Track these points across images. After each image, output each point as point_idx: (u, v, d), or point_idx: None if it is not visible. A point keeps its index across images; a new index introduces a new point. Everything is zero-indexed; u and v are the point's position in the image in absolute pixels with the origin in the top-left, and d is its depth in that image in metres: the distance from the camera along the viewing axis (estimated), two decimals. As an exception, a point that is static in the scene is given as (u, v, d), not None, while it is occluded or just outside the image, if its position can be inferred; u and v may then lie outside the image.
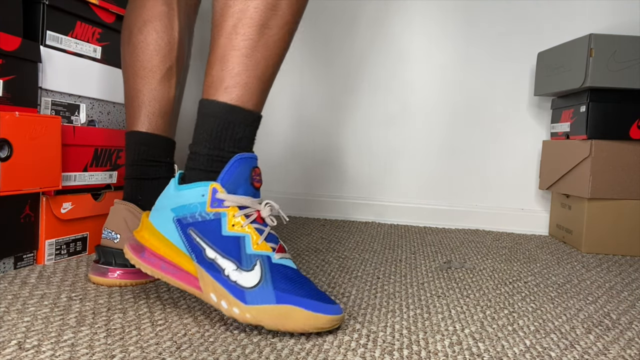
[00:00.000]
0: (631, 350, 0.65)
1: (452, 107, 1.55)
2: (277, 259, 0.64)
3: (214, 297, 0.63)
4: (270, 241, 0.65)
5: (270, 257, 0.64)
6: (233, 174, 0.65)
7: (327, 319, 0.62)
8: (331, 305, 0.63)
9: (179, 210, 0.66)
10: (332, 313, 0.62)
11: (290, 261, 0.66)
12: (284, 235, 1.26)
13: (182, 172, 0.70)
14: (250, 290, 0.62)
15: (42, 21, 0.90)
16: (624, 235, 1.26)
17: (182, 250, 0.66)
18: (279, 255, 0.64)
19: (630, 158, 1.25)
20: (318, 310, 0.61)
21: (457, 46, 1.55)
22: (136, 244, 0.68)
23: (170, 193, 0.68)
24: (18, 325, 0.61)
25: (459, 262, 1.08)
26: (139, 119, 0.85)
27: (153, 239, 0.67)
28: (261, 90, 0.68)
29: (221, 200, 0.64)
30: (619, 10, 1.47)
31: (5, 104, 0.80)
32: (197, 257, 0.64)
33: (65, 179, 0.89)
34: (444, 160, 1.57)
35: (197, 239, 0.64)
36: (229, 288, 0.62)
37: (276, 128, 1.61)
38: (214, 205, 0.64)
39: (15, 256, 0.84)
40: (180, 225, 0.66)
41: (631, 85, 1.20)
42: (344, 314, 0.64)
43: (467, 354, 0.60)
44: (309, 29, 1.58)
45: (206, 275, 0.63)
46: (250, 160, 0.67)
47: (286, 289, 0.62)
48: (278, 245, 0.66)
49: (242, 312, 0.61)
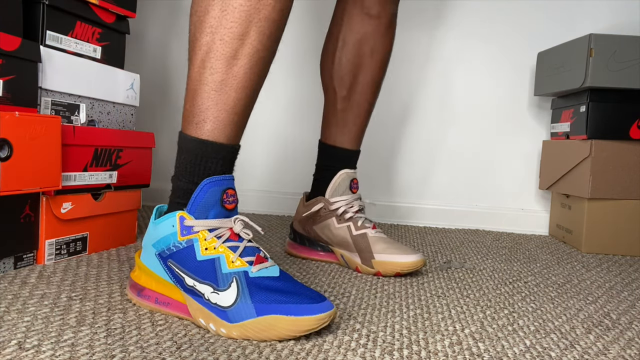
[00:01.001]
0: (631, 350, 0.65)
1: (452, 107, 1.55)
2: (255, 272, 0.64)
3: (202, 321, 0.64)
4: (247, 255, 0.66)
5: (247, 271, 0.64)
6: (202, 199, 0.66)
7: (312, 320, 0.61)
8: (317, 305, 0.62)
9: (157, 244, 0.68)
10: (317, 312, 0.61)
11: (272, 269, 0.66)
12: (284, 234, 1.26)
13: (160, 206, 0.73)
14: (230, 309, 0.62)
15: (42, 21, 0.90)
16: (624, 235, 1.26)
17: (169, 282, 0.68)
18: (257, 268, 0.64)
19: (630, 158, 1.25)
20: (301, 314, 0.61)
21: (457, 46, 1.55)
22: (134, 283, 0.72)
23: (150, 230, 0.71)
24: (18, 325, 0.61)
25: (459, 262, 1.08)
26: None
27: (144, 277, 0.71)
28: (233, 123, 0.70)
29: (190, 227, 0.66)
30: (619, 10, 1.47)
31: (5, 104, 0.80)
32: (181, 286, 0.67)
33: (65, 179, 0.89)
34: (444, 160, 1.57)
35: (177, 270, 0.67)
36: (213, 310, 0.63)
37: (276, 128, 1.61)
38: (184, 234, 0.66)
39: (15, 256, 0.84)
40: (161, 259, 0.68)
41: (631, 85, 1.20)
42: (335, 309, 0.63)
43: (467, 354, 0.60)
44: (309, 28, 1.58)
45: (192, 302, 0.65)
46: (221, 182, 0.68)
47: (265, 299, 0.62)
48: (256, 257, 0.66)
49: (229, 331, 0.62)
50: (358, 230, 0.96)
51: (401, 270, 0.91)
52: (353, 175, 1.00)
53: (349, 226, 0.97)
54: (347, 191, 0.99)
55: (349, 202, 0.98)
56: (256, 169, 1.62)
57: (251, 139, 1.62)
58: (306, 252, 1.03)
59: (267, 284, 0.64)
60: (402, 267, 0.91)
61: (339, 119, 1.03)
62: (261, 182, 1.62)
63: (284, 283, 0.65)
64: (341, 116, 1.02)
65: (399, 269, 0.91)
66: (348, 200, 0.98)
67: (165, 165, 1.64)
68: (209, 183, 0.67)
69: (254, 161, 1.62)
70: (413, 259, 0.91)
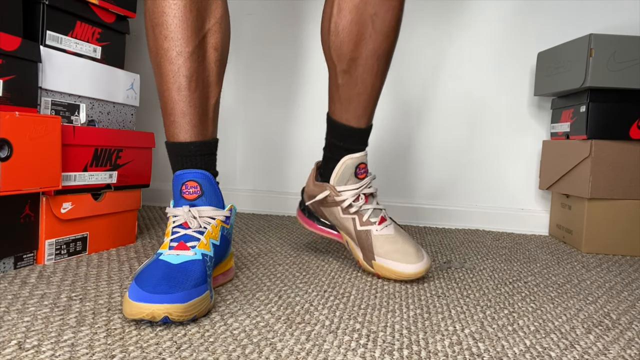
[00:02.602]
0: (631, 350, 0.65)
1: (452, 107, 1.55)
2: (166, 255, 0.71)
3: None
4: (174, 241, 0.73)
5: (162, 253, 0.71)
6: (174, 190, 0.78)
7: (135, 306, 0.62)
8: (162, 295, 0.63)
9: None
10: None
11: (183, 256, 0.70)
12: (284, 235, 1.26)
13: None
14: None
15: (42, 21, 0.90)
16: (624, 235, 1.26)
17: None
18: (170, 252, 0.71)
19: (630, 158, 1.25)
20: (134, 298, 0.62)
21: (457, 46, 1.55)
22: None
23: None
24: (18, 325, 0.61)
25: (459, 262, 1.08)
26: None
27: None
28: (169, 122, 0.83)
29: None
30: (619, 10, 1.47)
31: (5, 104, 0.80)
32: None
33: (65, 179, 0.89)
34: (444, 160, 1.57)
35: None
36: None
37: (276, 128, 1.61)
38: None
39: (15, 256, 0.84)
40: None
41: (631, 85, 1.20)
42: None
43: (467, 354, 0.60)
44: (309, 27, 1.58)
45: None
46: (179, 177, 0.77)
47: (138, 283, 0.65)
48: (178, 243, 0.72)
49: None
50: (362, 226, 0.92)
51: (400, 279, 0.89)
52: (358, 160, 0.93)
53: (353, 219, 0.93)
54: (353, 178, 0.93)
55: (355, 194, 0.93)
56: (256, 169, 1.62)
57: (250, 138, 1.62)
58: (314, 226, 1.02)
59: (153, 266, 0.70)
60: (400, 277, 0.88)
61: (341, 95, 0.92)
62: (261, 182, 1.62)
63: (159, 272, 0.70)
64: (343, 92, 0.92)
65: (397, 277, 0.89)
66: (354, 191, 0.93)
67: (165, 165, 1.64)
68: (174, 176, 0.79)
69: (253, 161, 1.62)
70: (413, 270, 0.88)
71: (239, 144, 1.62)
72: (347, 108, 0.92)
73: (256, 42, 1.60)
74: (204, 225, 0.76)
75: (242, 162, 1.63)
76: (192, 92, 0.80)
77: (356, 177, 0.93)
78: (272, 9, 1.59)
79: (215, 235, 0.76)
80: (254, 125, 1.62)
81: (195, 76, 0.80)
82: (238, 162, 1.63)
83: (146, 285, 0.63)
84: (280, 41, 1.59)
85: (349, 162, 0.93)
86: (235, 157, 1.62)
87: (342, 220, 0.95)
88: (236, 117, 1.61)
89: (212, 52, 0.83)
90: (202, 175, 0.77)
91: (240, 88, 1.60)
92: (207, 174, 0.78)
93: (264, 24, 1.59)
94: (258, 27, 1.59)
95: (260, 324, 0.66)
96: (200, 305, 0.65)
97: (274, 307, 0.73)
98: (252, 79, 1.61)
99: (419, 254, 0.90)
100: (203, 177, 0.77)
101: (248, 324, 0.66)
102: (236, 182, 1.63)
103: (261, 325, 0.66)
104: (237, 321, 0.66)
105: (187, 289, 0.64)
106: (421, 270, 0.88)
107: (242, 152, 1.62)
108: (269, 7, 1.59)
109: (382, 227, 0.92)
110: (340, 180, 0.94)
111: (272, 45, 1.59)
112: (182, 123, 0.80)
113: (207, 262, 0.72)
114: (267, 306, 0.73)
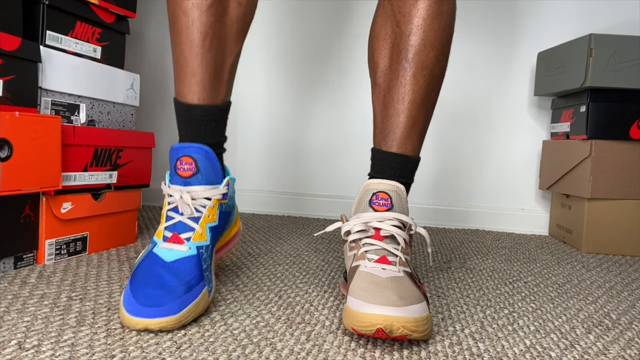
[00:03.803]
0: (631, 350, 0.65)
1: (452, 107, 1.55)
2: (159, 248, 0.68)
3: None
4: (167, 230, 0.70)
5: (157, 243, 0.69)
6: (170, 163, 0.72)
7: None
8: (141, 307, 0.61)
9: None
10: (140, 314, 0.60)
11: (176, 252, 0.67)
12: (284, 234, 1.26)
13: None
14: None
15: (42, 21, 0.90)
16: (624, 235, 1.26)
17: None
18: (164, 245, 0.68)
19: (630, 158, 1.25)
20: (126, 309, 0.61)
21: (457, 46, 1.54)
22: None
23: None
24: (18, 325, 0.61)
25: (459, 262, 1.08)
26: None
27: None
28: (178, 78, 0.75)
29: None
30: (619, 10, 1.47)
31: (5, 104, 0.80)
32: None
33: (65, 179, 0.89)
34: (444, 160, 1.57)
35: None
36: None
37: (275, 126, 1.61)
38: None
39: (15, 256, 0.84)
40: None
41: (631, 85, 1.20)
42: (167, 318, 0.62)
43: (467, 354, 0.61)
44: (309, 28, 1.58)
45: None
46: (175, 150, 0.71)
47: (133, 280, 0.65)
48: (172, 235, 0.69)
49: None
50: (356, 261, 0.70)
51: (352, 326, 0.60)
52: (376, 188, 0.73)
53: (354, 255, 0.71)
54: (367, 208, 0.72)
55: (360, 223, 0.71)
56: (256, 169, 1.62)
57: (251, 138, 1.62)
58: (345, 286, 0.80)
59: (146, 262, 0.68)
60: (352, 322, 0.60)
61: (377, 114, 0.81)
62: (261, 182, 1.62)
63: (150, 270, 0.67)
64: (379, 109, 0.80)
65: (349, 321, 0.61)
66: (357, 220, 0.71)
67: (165, 165, 1.64)
68: (170, 150, 0.72)
69: (254, 161, 1.62)
70: (366, 311, 0.59)
71: (239, 143, 1.62)
72: (383, 131, 0.81)
73: (256, 37, 1.60)
74: (199, 209, 0.71)
75: (242, 162, 1.63)
76: (206, 51, 0.71)
77: (370, 206, 0.72)
78: (272, 3, 1.59)
79: (213, 217, 0.72)
80: (254, 125, 1.62)
81: (211, 33, 0.70)
82: (238, 162, 1.63)
83: (139, 295, 0.61)
84: (281, 36, 1.59)
85: (364, 189, 0.75)
86: (235, 157, 1.62)
87: (346, 263, 0.75)
88: (236, 117, 1.61)
89: (234, 6, 0.72)
90: (198, 150, 0.70)
91: (241, 86, 1.60)
92: (205, 148, 0.71)
93: (265, 17, 1.59)
94: (259, 19, 1.59)
95: (260, 324, 0.66)
96: (196, 309, 0.65)
97: (274, 307, 0.73)
98: (252, 77, 1.60)
99: (406, 299, 0.60)
100: (199, 152, 0.70)
101: (248, 323, 0.66)
102: (236, 182, 1.63)
103: (261, 325, 0.66)
104: (237, 321, 0.66)
105: (180, 295, 0.63)
106: (380, 316, 0.58)
107: (242, 152, 1.62)
108: (268, 4, 1.59)
109: (378, 265, 0.67)
110: (357, 210, 0.74)
111: (272, 40, 1.59)
112: (191, 83, 0.72)
113: (202, 254, 0.69)
114: (267, 306, 0.73)
